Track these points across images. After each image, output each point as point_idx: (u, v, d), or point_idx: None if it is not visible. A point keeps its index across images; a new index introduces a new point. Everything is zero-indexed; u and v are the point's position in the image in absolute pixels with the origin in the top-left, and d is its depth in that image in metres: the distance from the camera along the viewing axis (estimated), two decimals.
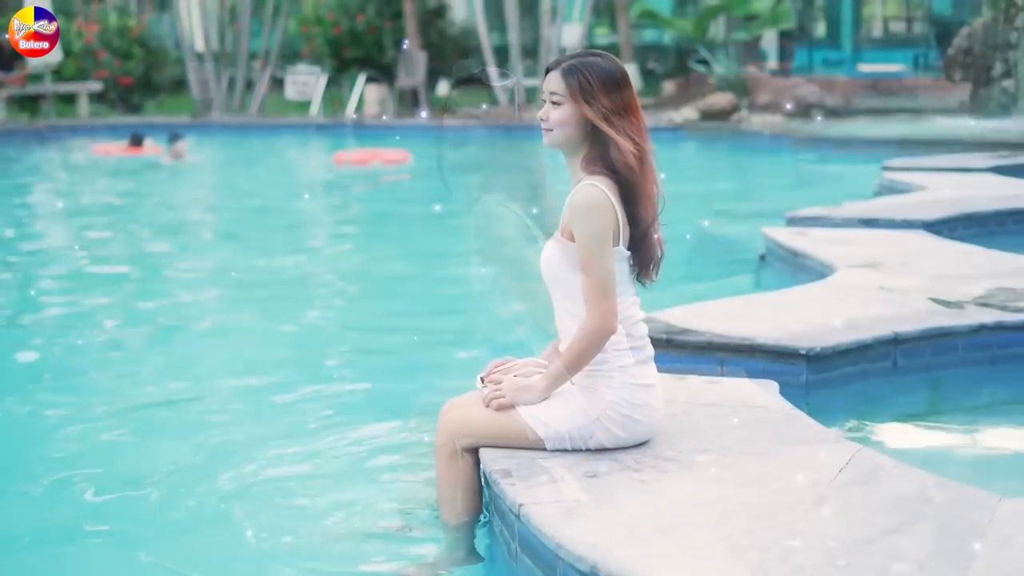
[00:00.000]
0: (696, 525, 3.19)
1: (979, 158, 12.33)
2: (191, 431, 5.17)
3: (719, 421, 4.06)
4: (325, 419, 5.31)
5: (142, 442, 5.10)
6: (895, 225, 8.23)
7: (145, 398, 5.72)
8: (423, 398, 5.54)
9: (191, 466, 4.72)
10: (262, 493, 4.43)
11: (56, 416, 5.45)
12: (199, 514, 4.25)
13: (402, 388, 5.83)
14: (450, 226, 10.84)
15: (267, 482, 4.53)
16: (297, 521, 4.14)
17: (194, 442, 5.01)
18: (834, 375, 5.08)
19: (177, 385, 6.00)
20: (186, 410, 5.55)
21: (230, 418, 5.40)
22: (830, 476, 3.52)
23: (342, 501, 4.29)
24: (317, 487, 4.45)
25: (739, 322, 5.34)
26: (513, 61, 22.04)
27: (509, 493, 3.44)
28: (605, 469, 3.61)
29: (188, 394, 5.83)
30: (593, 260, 3.61)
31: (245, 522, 4.14)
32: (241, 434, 5.13)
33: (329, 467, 4.67)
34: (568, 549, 3.07)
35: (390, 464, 4.69)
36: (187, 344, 6.89)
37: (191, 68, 22.97)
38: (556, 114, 3.70)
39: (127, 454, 4.95)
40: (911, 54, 34.30)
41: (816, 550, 3.01)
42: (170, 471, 4.65)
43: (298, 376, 6.07)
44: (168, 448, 4.96)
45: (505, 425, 3.75)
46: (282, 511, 4.23)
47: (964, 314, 5.52)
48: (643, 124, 3.76)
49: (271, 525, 4.10)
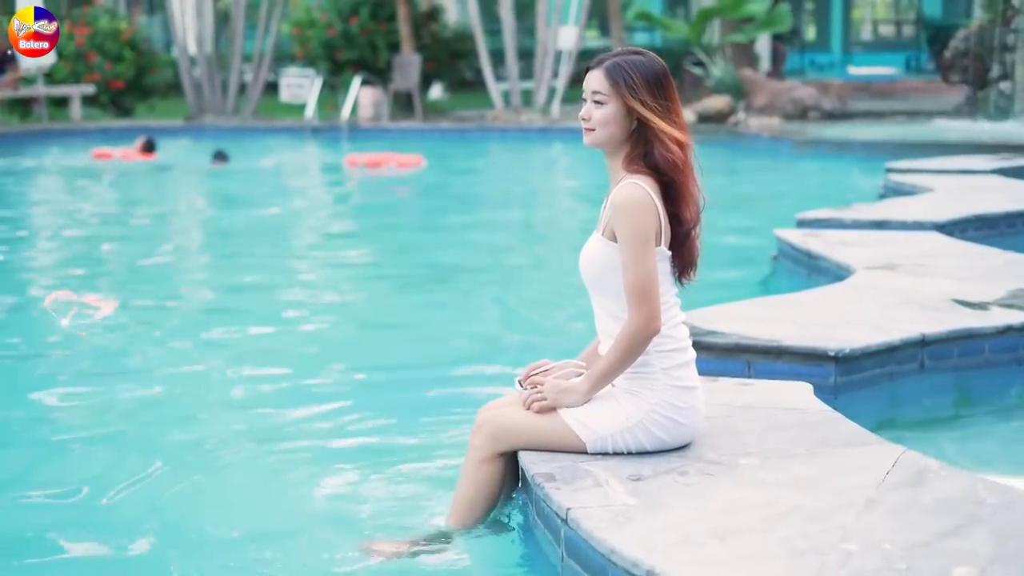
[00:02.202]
0: (749, 529, 3.14)
1: (982, 160, 12.32)
2: (218, 429, 5.16)
3: (758, 423, 4.02)
4: (344, 424, 5.29)
5: (150, 440, 5.05)
6: (907, 227, 8.20)
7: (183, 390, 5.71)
8: (443, 403, 5.54)
9: (217, 462, 4.69)
10: (273, 490, 4.44)
11: (82, 412, 5.42)
12: (225, 509, 4.21)
13: (423, 392, 5.79)
14: (470, 235, 10.84)
15: (280, 479, 4.53)
16: (311, 523, 4.11)
17: (222, 440, 5.02)
18: (862, 377, 5.03)
19: (212, 383, 6.02)
20: (212, 408, 5.53)
21: (249, 416, 5.37)
22: (877, 478, 3.48)
23: (354, 506, 4.26)
24: (326, 490, 4.43)
25: (764, 324, 5.30)
26: (509, 64, 21.99)
27: (555, 497, 3.39)
28: (649, 472, 3.57)
29: (217, 393, 5.84)
30: (636, 260, 3.57)
31: (248, 521, 4.15)
32: (257, 432, 5.14)
33: (345, 470, 4.64)
34: (622, 554, 3.03)
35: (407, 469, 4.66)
36: (219, 346, 6.84)
37: (184, 71, 22.88)
38: (599, 113, 3.65)
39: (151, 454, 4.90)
40: (902, 57, 34.40)
41: (874, 554, 2.97)
42: (189, 467, 4.61)
43: (314, 380, 6.04)
44: (189, 446, 4.93)
45: (546, 428, 3.70)
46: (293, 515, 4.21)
47: (989, 315, 5.49)
48: (684, 122, 3.72)
49: (283, 528, 4.08)
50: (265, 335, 7.07)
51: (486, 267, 9.38)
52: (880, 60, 34.12)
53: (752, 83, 19.77)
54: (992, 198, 9.42)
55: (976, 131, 16.48)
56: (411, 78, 22.19)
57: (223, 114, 22.70)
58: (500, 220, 12.12)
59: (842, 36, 35.78)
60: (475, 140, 19.72)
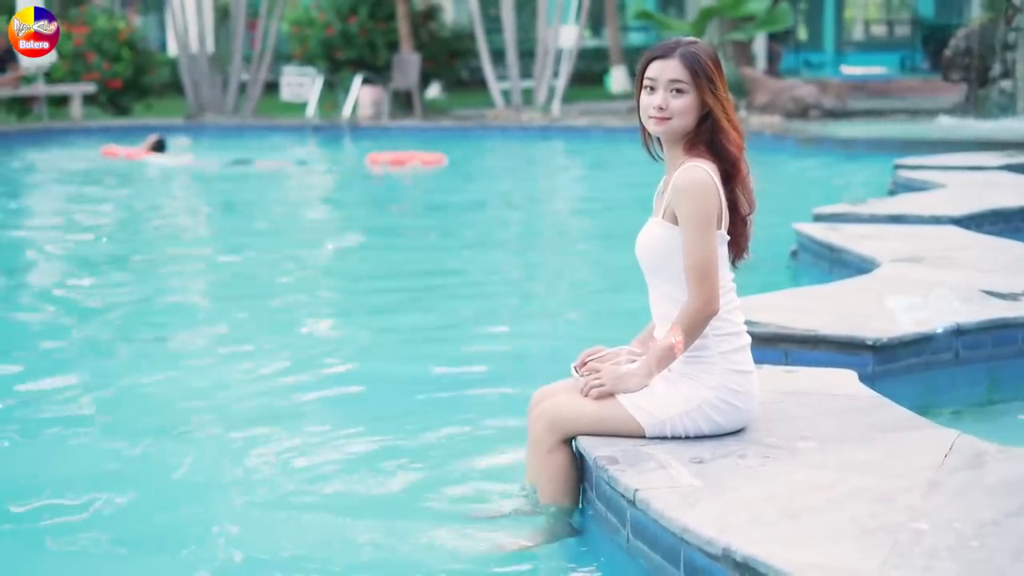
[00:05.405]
0: (818, 509, 3.18)
1: (989, 157, 12.37)
2: (260, 414, 5.19)
3: (808, 409, 4.06)
4: (396, 409, 5.34)
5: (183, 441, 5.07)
6: (924, 221, 8.24)
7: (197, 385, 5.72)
8: (499, 388, 5.60)
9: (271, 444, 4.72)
10: (339, 479, 4.45)
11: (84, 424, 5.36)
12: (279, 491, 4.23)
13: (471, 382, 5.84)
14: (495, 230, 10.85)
15: (344, 468, 4.56)
16: (380, 503, 4.14)
17: (269, 421, 5.07)
18: (899, 366, 5.08)
19: (244, 365, 6.08)
20: (254, 392, 5.58)
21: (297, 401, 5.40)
22: (936, 461, 3.52)
23: (424, 488, 4.29)
24: (399, 475, 4.45)
25: (800, 314, 5.34)
26: (509, 63, 22.02)
27: (621, 479, 3.43)
28: (709, 456, 3.60)
29: (255, 375, 5.90)
30: (698, 240, 3.61)
31: (323, 505, 4.16)
32: (308, 424, 5.16)
33: (411, 456, 4.67)
34: (695, 533, 3.06)
35: (467, 449, 4.69)
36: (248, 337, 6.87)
37: (185, 69, 22.86)
38: (678, 103, 3.67)
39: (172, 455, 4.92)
40: (896, 57, 34.51)
41: (946, 532, 3.01)
42: (229, 452, 4.64)
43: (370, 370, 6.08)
44: (224, 433, 4.96)
45: (605, 414, 3.73)
46: (367, 497, 4.23)
47: (1021, 305, 5.54)
48: (734, 109, 3.77)
49: (358, 507, 4.12)
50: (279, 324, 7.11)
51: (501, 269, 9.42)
52: (874, 60, 34.21)
53: (753, 81, 19.82)
54: (1006, 193, 9.48)
55: (980, 129, 16.56)
56: (411, 77, 22.22)
57: (223, 112, 22.68)
58: (514, 219, 12.16)
59: (835, 36, 35.88)
60: (477, 138, 19.71)
